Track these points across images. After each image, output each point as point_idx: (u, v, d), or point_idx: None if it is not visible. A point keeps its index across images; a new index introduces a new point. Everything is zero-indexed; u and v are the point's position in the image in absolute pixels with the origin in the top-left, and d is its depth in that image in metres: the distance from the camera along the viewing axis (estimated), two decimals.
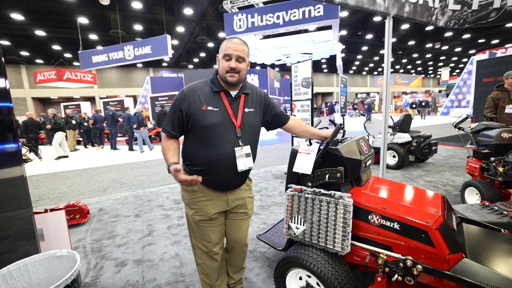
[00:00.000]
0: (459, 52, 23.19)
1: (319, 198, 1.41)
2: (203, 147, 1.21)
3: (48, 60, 18.22)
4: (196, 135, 1.22)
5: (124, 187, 4.18)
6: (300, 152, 1.55)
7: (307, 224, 1.45)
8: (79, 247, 2.29)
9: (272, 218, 2.73)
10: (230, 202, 1.33)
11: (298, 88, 4.12)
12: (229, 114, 1.22)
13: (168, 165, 1.16)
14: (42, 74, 11.49)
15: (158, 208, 3.13)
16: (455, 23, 3.44)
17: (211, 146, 1.20)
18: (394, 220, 1.28)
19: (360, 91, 34.18)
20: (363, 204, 1.38)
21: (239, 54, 1.17)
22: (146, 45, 9.61)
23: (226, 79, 1.20)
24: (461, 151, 5.88)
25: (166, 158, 1.20)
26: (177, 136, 1.26)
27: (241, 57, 1.18)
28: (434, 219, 1.21)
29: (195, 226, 1.33)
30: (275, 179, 4.27)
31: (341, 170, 1.42)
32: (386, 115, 3.27)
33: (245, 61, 1.21)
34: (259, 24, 7.69)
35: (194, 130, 1.21)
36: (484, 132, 2.76)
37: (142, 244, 2.28)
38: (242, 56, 1.18)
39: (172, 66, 23.19)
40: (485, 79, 6.12)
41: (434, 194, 1.53)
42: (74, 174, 5.29)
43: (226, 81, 1.20)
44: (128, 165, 5.99)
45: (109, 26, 12.47)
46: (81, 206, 2.78)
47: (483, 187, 2.51)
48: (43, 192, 4.12)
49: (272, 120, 1.44)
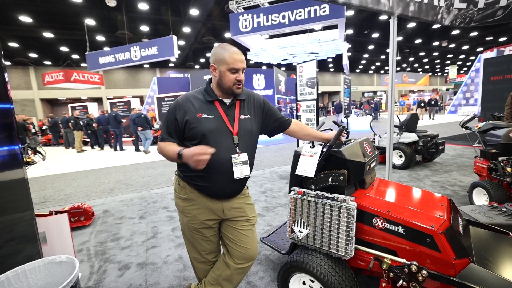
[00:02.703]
0: (466, 50, 22.74)
1: (322, 202, 1.40)
2: None
3: (56, 61, 18.56)
4: (192, 142, 1.19)
5: (130, 188, 4.23)
6: (303, 154, 1.54)
7: (310, 227, 1.44)
8: (83, 249, 2.32)
9: (277, 220, 2.72)
10: (226, 210, 1.28)
11: (303, 88, 4.09)
12: (224, 122, 1.21)
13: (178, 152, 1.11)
14: (50, 75, 11.71)
15: (163, 210, 3.15)
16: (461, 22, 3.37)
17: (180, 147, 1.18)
18: (398, 224, 1.26)
19: (367, 90, 33.84)
20: (367, 207, 1.36)
21: (244, 66, 1.20)
22: (152, 46, 9.68)
23: (233, 91, 1.20)
24: (469, 150, 5.77)
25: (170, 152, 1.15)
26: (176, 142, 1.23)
27: (244, 69, 1.21)
28: (439, 223, 1.19)
29: (189, 234, 1.30)
30: (280, 179, 4.25)
31: (344, 173, 1.41)
32: (391, 114, 3.22)
33: (244, 71, 1.23)
34: (265, 24, 7.68)
35: (189, 137, 1.19)
36: (491, 132, 2.71)
37: (146, 247, 2.30)
38: (245, 67, 1.21)
39: (179, 67, 23.32)
40: (493, 77, 5.99)
41: (440, 196, 1.50)
42: (81, 175, 5.39)
43: (233, 92, 1.21)
44: (134, 166, 6.08)
45: (115, 27, 12.61)
46: (86, 208, 2.83)
47: (491, 188, 2.46)
48: (49, 193, 4.19)
49: (272, 127, 1.42)
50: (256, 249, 1.35)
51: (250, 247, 1.31)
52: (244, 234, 1.31)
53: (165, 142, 1.21)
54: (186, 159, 1.10)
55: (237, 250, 1.29)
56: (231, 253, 1.30)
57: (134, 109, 8.26)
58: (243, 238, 1.30)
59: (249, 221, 1.35)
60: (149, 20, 12.70)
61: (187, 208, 1.27)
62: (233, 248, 1.30)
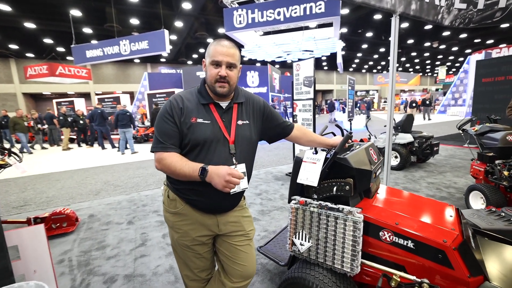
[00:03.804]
0: (455, 51, 23.33)
1: (326, 213, 1.30)
2: None
3: (39, 54, 17.69)
4: (184, 151, 1.05)
5: (118, 190, 4.02)
6: (304, 161, 1.43)
7: (312, 240, 1.34)
8: (64, 260, 2.14)
9: (273, 224, 2.62)
10: (221, 225, 1.15)
11: (299, 87, 3.99)
12: (220, 128, 1.06)
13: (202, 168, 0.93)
14: (33, 68, 11.14)
15: (153, 214, 3.00)
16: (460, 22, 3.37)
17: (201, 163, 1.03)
18: (407, 237, 1.18)
19: (359, 89, 34.26)
20: (373, 219, 1.27)
21: (230, 60, 1.01)
22: (143, 40, 9.33)
23: (215, 89, 1.04)
24: (461, 151, 5.85)
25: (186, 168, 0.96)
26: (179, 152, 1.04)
27: (232, 64, 1.02)
28: (452, 237, 1.11)
29: (180, 251, 1.17)
30: (276, 180, 4.15)
31: (350, 183, 1.31)
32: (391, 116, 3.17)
33: (236, 67, 1.05)
34: (260, 20, 7.54)
35: (183, 144, 1.05)
36: (488, 135, 2.69)
37: (134, 256, 2.15)
38: (232, 62, 1.02)
39: (171, 62, 22.80)
40: (485, 79, 6.08)
41: (447, 206, 1.43)
42: (65, 176, 5.10)
43: (215, 91, 1.05)
44: (123, 166, 5.83)
45: (104, 20, 12.12)
46: (69, 213, 2.64)
47: (488, 192, 2.44)
48: (30, 196, 3.92)
49: (273, 133, 1.30)
50: (254, 266, 1.24)
51: (247, 264, 1.20)
52: (241, 250, 1.20)
53: (169, 153, 1.00)
54: (213, 179, 0.93)
55: (233, 268, 1.17)
56: (227, 271, 1.19)
57: (119, 106, 7.89)
58: (240, 254, 1.19)
59: (247, 235, 1.24)
60: (140, 12, 12.28)
61: (177, 224, 1.13)
62: (229, 265, 1.18)
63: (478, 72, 6.30)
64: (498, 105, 5.20)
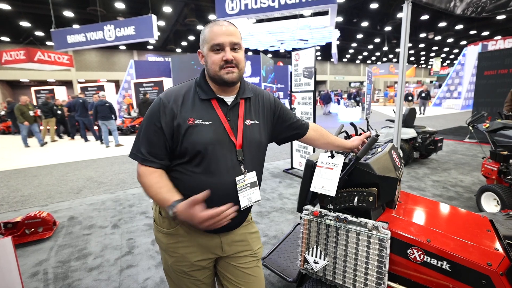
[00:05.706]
0: (451, 43, 23.36)
1: (346, 227, 1.11)
2: (190, 176, 0.84)
3: (16, 38, 16.55)
4: (179, 161, 0.85)
5: (102, 187, 3.71)
6: (319, 166, 1.22)
7: (329, 258, 1.15)
8: (38, 273, 1.87)
9: (273, 228, 2.42)
10: (225, 246, 0.95)
11: (299, 78, 3.73)
12: (225, 129, 0.85)
13: (170, 206, 0.75)
14: (9, 54, 10.34)
15: (141, 216, 2.74)
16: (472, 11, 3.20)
17: (202, 175, 0.83)
18: (442, 258, 1.01)
19: (354, 80, 34.25)
20: (400, 234, 1.09)
21: (233, 39, 0.82)
22: (129, 25, 8.74)
23: (221, 77, 0.83)
24: (462, 146, 5.73)
25: (158, 197, 0.79)
26: (165, 165, 0.85)
27: (236, 43, 0.83)
28: (497, 260, 0.94)
29: (175, 277, 0.95)
30: (272, 178, 3.95)
31: (375, 193, 1.12)
32: (400, 110, 2.99)
33: (241, 48, 0.85)
34: (253, 7, 7.11)
35: (177, 154, 0.84)
36: (502, 132, 2.53)
37: (120, 267, 1.91)
38: (236, 41, 0.83)
39: (159, 50, 21.91)
40: (487, 72, 5.94)
41: (481, 218, 1.25)
42: (44, 171, 4.68)
43: (224, 80, 0.83)
44: (108, 160, 5.46)
45: (86, 3, 11.31)
46: (45, 217, 2.35)
47: (503, 193, 2.31)
48: (3, 194, 3.53)
49: (286, 135, 1.08)
50: None
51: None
52: (248, 274, 0.99)
53: (146, 168, 0.83)
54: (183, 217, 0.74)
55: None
56: None
57: (96, 96, 7.13)
58: (248, 279, 0.99)
59: (254, 255, 1.03)
60: None
61: (172, 246, 0.91)
62: None
63: (480, 64, 6.15)
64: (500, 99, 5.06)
